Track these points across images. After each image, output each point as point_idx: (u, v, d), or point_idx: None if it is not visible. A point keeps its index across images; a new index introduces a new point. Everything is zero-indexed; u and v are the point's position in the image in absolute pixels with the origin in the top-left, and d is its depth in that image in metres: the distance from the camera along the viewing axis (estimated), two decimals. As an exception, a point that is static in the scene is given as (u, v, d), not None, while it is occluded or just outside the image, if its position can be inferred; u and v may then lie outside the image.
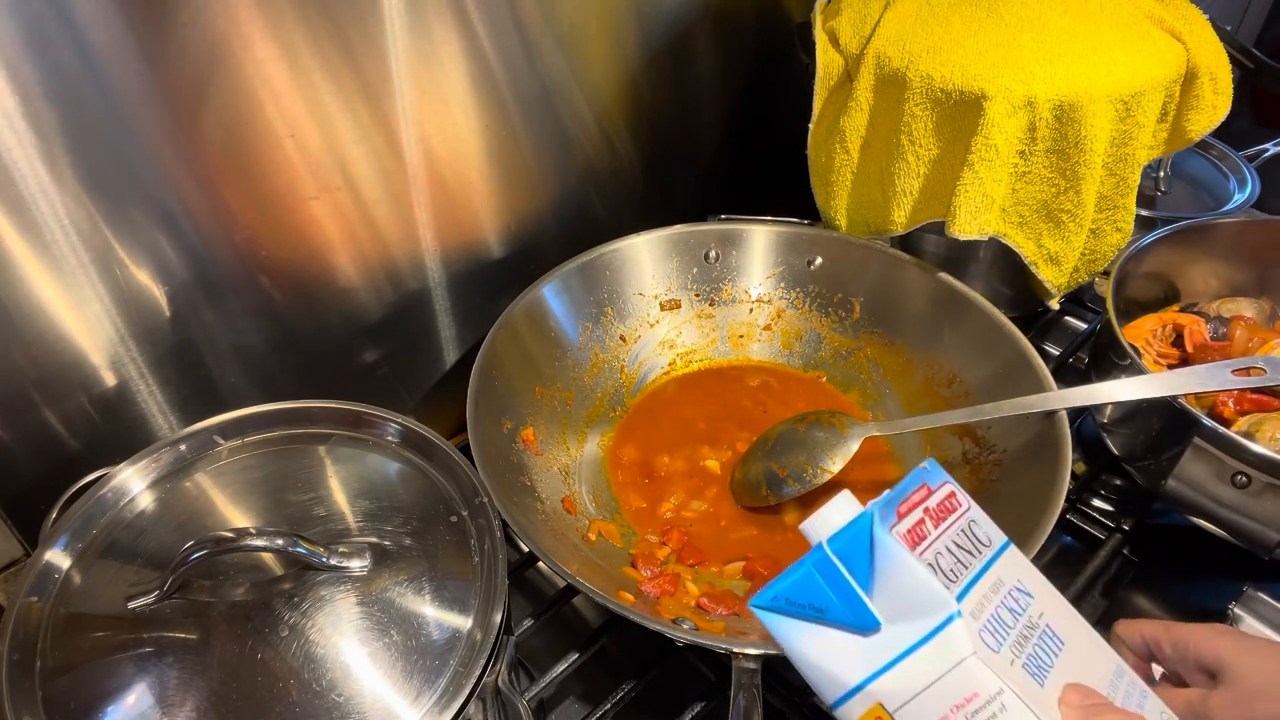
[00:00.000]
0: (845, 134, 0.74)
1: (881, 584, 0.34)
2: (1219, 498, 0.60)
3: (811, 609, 0.35)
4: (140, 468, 0.55)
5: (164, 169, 0.54)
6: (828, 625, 0.35)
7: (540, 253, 0.78)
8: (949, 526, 0.36)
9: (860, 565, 0.34)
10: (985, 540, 0.37)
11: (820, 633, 0.35)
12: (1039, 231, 0.72)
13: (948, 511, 0.37)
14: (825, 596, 0.35)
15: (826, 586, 0.34)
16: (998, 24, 0.69)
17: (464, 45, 0.63)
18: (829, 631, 0.35)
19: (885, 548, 0.33)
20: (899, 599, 0.33)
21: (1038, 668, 0.34)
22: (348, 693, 0.45)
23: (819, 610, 0.35)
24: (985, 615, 0.34)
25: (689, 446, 0.74)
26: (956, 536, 0.36)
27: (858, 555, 0.34)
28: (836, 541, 0.34)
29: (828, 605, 0.35)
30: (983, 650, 0.32)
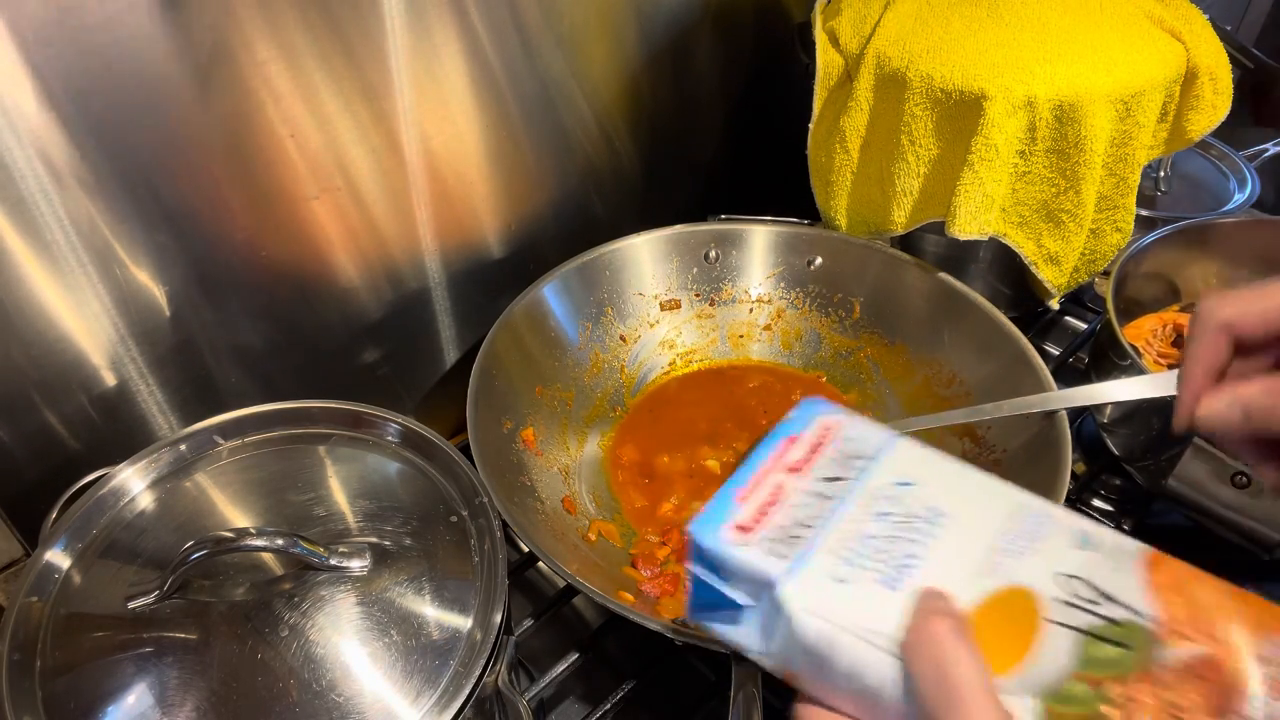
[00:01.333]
0: (845, 134, 0.74)
1: (731, 576, 0.37)
2: (1219, 498, 0.60)
3: (717, 609, 0.38)
4: (140, 468, 0.55)
5: (164, 169, 0.54)
6: (733, 616, 0.38)
7: (540, 253, 0.78)
8: (813, 468, 0.38)
9: (716, 568, 0.37)
10: (861, 454, 0.39)
11: (735, 621, 0.38)
12: (1039, 231, 0.72)
13: (815, 449, 0.39)
14: (711, 598, 0.38)
15: (705, 592, 0.38)
16: (998, 24, 0.69)
17: (464, 45, 0.63)
18: (738, 619, 0.37)
19: (716, 552, 0.37)
20: (747, 582, 0.36)
21: (904, 566, 0.35)
22: (348, 693, 0.45)
23: (718, 608, 0.38)
24: (847, 545, 0.35)
25: (689, 446, 0.74)
26: (825, 471, 0.38)
27: (707, 561, 0.37)
28: (696, 557, 0.38)
29: (718, 603, 0.38)
30: (816, 597, 0.34)
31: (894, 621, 0.32)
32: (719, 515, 0.38)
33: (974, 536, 0.36)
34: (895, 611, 0.33)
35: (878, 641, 0.32)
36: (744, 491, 0.38)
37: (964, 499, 0.37)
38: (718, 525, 0.37)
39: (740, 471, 0.39)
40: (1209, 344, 0.40)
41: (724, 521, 0.37)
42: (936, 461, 0.40)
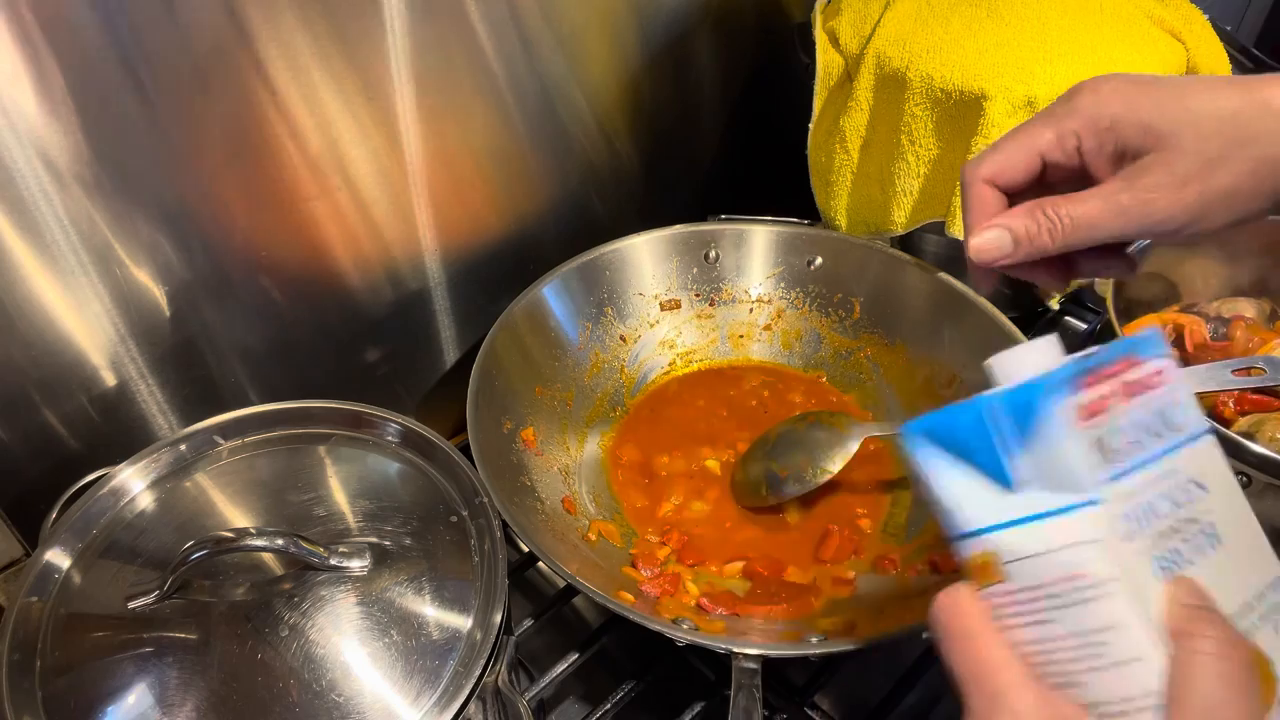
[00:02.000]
0: (845, 134, 0.74)
1: (1034, 449, 0.33)
2: (1219, 498, 0.60)
3: (959, 449, 0.36)
4: (140, 468, 0.55)
5: (164, 169, 0.54)
6: (969, 467, 0.35)
7: (540, 253, 0.78)
8: (1140, 404, 0.35)
9: (1019, 425, 0.34)
10: (1178, 425, 0.36)
11: (960, 472, 0.36)
12: (1039, 231, 0.72)
13: (1145, 388, 0.35)
14: (972, 444, 0.35)
15: (976, 435, 0.35)
16: (998, 24, 0.69)
17: (464, 45, 0.63)
18: (968, 473, 0.35)
19: (1049, 418, 0.33)
20: (1045, 467, 0.33)
21: (1173, 562, 0.33)
22: (348, 693, 0.45)
23: (964, 453, 0.35)
24: (1136, 501, 0.33)
25: (689, 446, 0.74)
26: (1145, 415, 0.35)
27: (1021, 415, 0.34)
28: (1006, 398, 0.34)
29: (973, 452, 0.35)
30: (1111, 538, 0.32)
31: (1156, 604, 0.32)
32: (1065, 383, 0.33)
33: (1235, 582, 0.34)
34: (1157, 596, 0.32)
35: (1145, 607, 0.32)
36: (1092, 380, 0.34)
37: (1239, 538, 0.36)
38: (1064, 392, 0.33)
39: (1097, 356, 0.35)
40: (976, 196, 0.46)
41: (1070, 394, 0.33)
42: (1229, 483, 0.37)
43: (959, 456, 0.36)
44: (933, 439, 0.37)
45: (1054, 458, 0.33)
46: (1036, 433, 0.33)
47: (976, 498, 0.35)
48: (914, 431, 0.37)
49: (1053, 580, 0.33)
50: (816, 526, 0.68)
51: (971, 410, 0.35)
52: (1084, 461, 0.32)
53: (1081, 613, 0.32)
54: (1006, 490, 0.34)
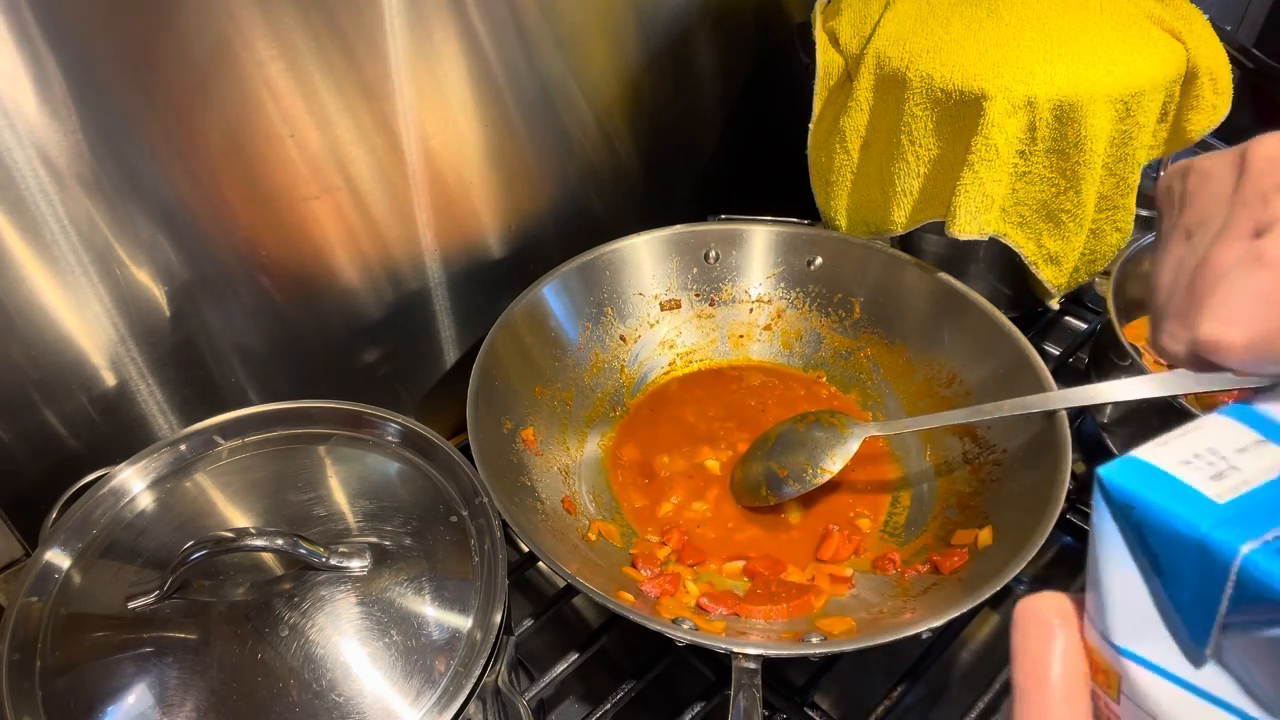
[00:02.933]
0: (845, 134, 0.74)
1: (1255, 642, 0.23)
2: (1219, 498, 0.60)
3: (1153, 560, 0.25)
4: (140, 468, 0.55)
5: (164, 169, 0.54)
6: (1153, 584, 0.25)
7: (540, 253, 0.78)
8: None
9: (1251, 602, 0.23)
10: None
11: (1138, 578, 0.25)
12: (1039, 231, 0.72)
13: None
14: (1178, 572, 0.24)
15: (1191, 572, 0.24)
16: (998, 24, 0.69)
17: (464, 45, 0.63)
18: (1147, 588, 0.25)
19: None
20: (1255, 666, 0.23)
21: None
22: (348, 693, 0.45)
23: (1158, 569, 0.25)
24: None
25: (689, 446, 0.74)
26: None
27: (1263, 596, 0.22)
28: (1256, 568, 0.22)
29: (1172, 580, 0.25)
30: None
31: None
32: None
33: None
34: None
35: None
36: None
37: None
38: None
39: None
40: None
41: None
42: None
43: (1150, 565, 0.25)
44: (1128, 523, 0.25)
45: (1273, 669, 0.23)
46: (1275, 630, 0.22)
47: (1144, 616, 0.25)
48: (1112, 491, 0.26)
49: None
50: (816, 526, 0.68)
51: (1215, 545, 0.23)
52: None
53: None
54: (1187, 642, 0.24)
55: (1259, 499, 0.23)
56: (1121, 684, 0.26)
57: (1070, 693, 0.27)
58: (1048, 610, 0.28)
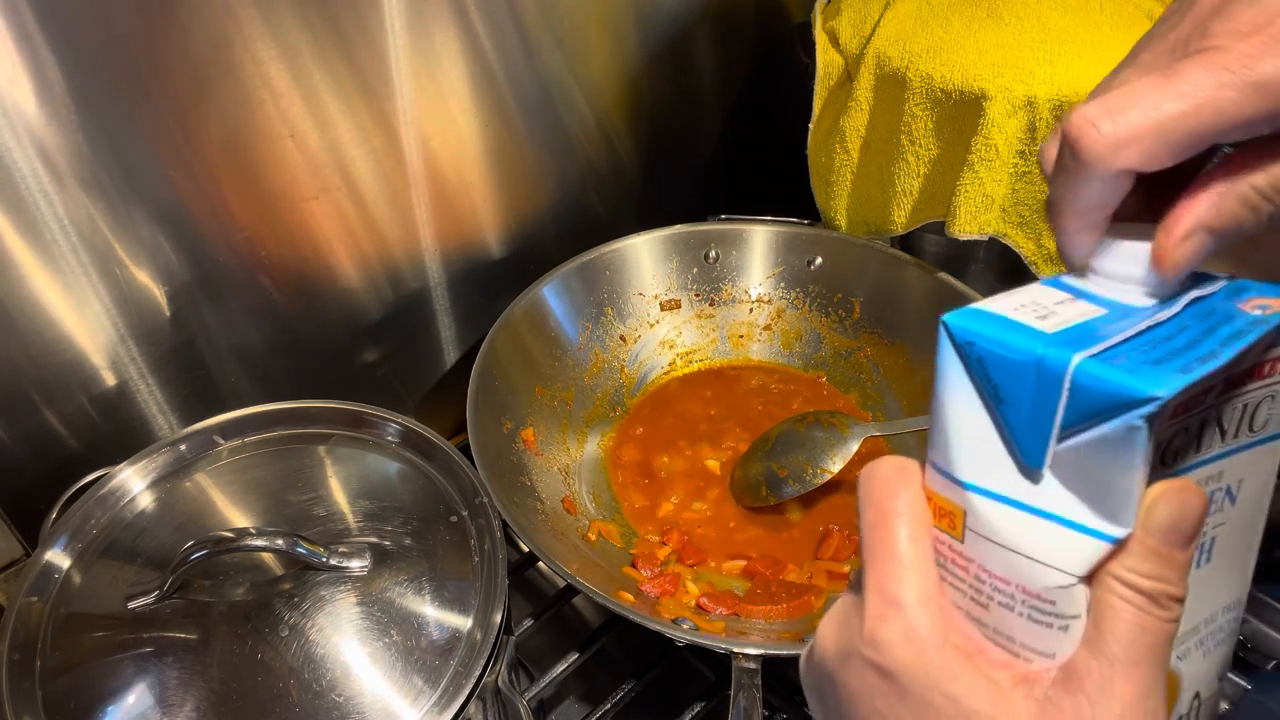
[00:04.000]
0: (845, 134, 0.74)
1: (1084, 449, 0.26)
2: (1219, 498, 0.60)
3: (992, 388, 0.28)
4: (140, 468, 0.55)
5: (164, 169, 0.54)
6: (994, 415, 0.27)
7: (540, 253, 0.78)
8: (1239, 396, 0.28)
9: (1082, 414, 0.25)
10: (1259, 425, 0.29)
11: (980, 412, 0.28)
12: (1039, 231, 0.72)
13: (1258, 379, 0.29)
14: (1016, 394, 0.27)
15: (1028, 391, 0.26)
16: (998, 24, 0.69)
17: (464, 45, 0.63)
18: (988, 418, 0.28)
19: (1129, 441, 0.25)
20: (1085, 473, 0.26)
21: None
22: (348, 693, 0.45)
23: (997, 396, 0.27)
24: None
25: (689, 447, 0.74)
26: (1234, 410, 0.28)
27: (1092, 409, 0.25)
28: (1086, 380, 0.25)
29: (1011, 401, 0.27)
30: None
31: None
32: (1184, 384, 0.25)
33: (1197, 604, 0.29)
34: None
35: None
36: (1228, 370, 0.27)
37: (1231, 555, 0.30)
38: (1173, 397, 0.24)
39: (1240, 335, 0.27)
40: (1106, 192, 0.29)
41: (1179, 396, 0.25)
42: (1263, 489, 0.31)
43: (992, 395, 0.27)
44: (971, 358, 0.28)
45: (1107, 472, 0.25)
46: (1102, 436, 0.25)
47: (986, 447, 0.28)
48: (954, 332, 0.29)
49: (1010, 581, 0.27)
50: (816, 526, 0.68)
51: (1051, 361, 0.26)
52: (1136, 492, 0.25)
53: (1028, 627, 0.27)
54: (1025, 465, 0.27)
55: (1079, 330, 0.27)
56: (966, 519, 0.28)
57: (915, 534, 0.29)
58: (890, 467, 0.30)
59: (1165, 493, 0.25)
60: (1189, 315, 0.28)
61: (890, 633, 0.27)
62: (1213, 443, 0.28)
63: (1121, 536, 0.25)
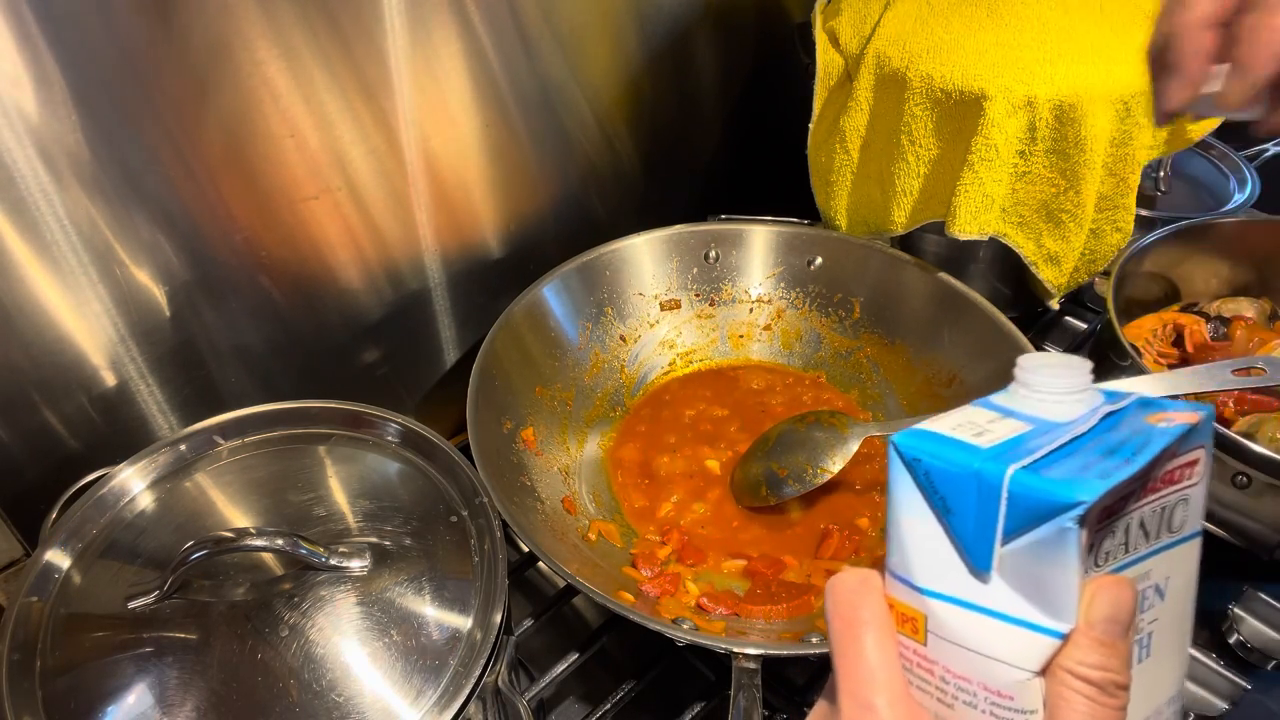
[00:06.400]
0: (845, 134, 0.74)
1: (1025, 551, 0.29)
2: (1219, 498, 0.60)
3: (940, 500, 0.31)
4: (140, 468, 0.55)
5: (164, 169, 0.54)
6: (944, 523, 0.31)
7: (540, 253, 0.78)
8: (1156, 501, 0.31)
9: (1021, 520, 0.29)
10: (1177, 526, 0.32)
11: (930, 521, 0.31)
12: (1039, 231, 0.72)
13: (1169, 483, 0.32)
14: (964, 504, 0.30)
15: (972, 501, 0.30)
16: (998, 24, 0.69)
17: (464, 45, 0.63)
18: (939, 527, 0.31)
19: (1064, 540, 0.28)
20: (1028, 575, 0.29)
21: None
22: (348, 693, 0.45)
23: (945, 506, 0.31)
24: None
25: (689, 447, 0.74)
26: (1154, 514, 0.31)
27: (1028, 513, 0.29)
28: (1021, 488, 0.29)
29: (959, 510, 0.30)
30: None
31: None
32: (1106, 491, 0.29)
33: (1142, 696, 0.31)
34: None
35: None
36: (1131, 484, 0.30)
37: (1169, 648, 0.33)
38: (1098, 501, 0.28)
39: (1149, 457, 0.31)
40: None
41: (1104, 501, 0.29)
42: (1189, 585, 0.34)
43: (941, 506, 0.31)
44: (919, 474, 0.31)
45: (1044, 571, 0.29)
46: (1039, 539, 0.28)
47: (936, 556, 0.31)
48: (903, 452, 0.32)
49: (972, 680, 0.30)
50: (816, 526, 0.68)
51: (984, 475, 0.29)
52: (1075, 589, 0.28)
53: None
54: (975, 569, 0.30)
55: (1011, 444, 0.30)
56: (928, 624, 0.31)
57: (881, 641, 0.31)
58: (854, 578, 0.32)
59: (1101, 588, 0.28)
60: (1103, 428, 0.31)
61: None
62: (1139, 543, 0.31)
63: (1066, 631, 0.28)
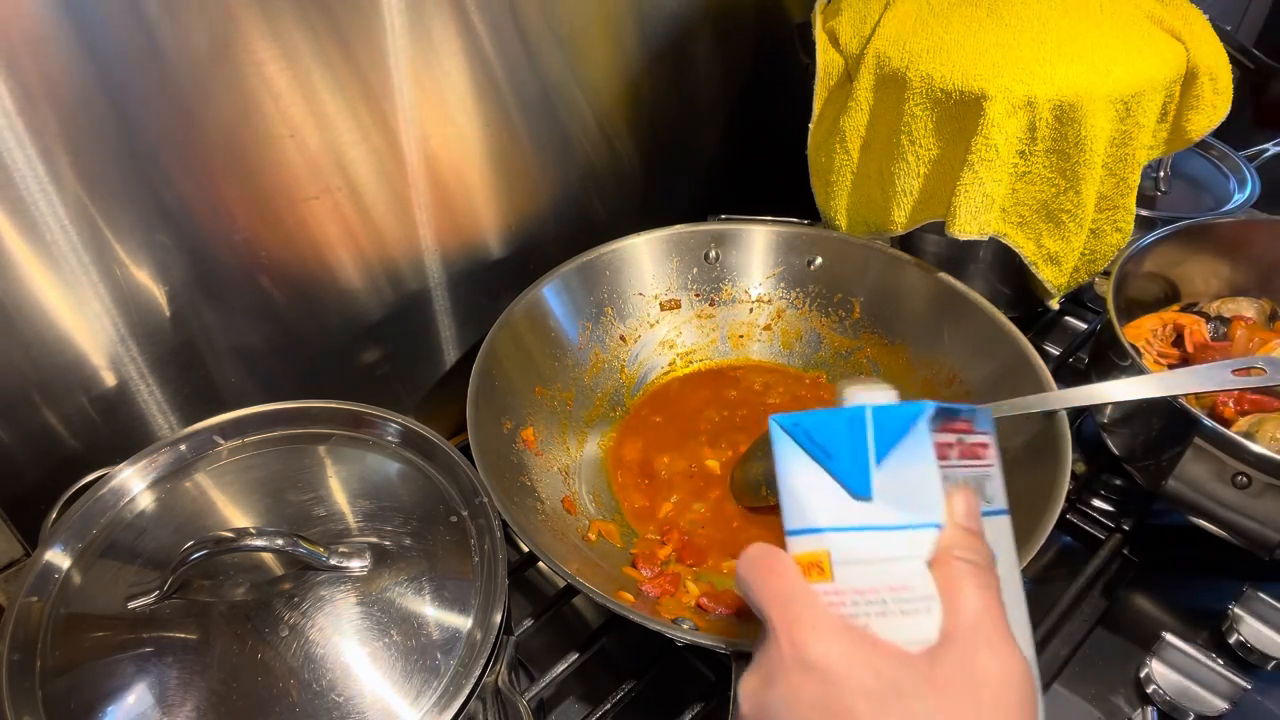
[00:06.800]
0: (845, 134, 0.74)
1: (895, 466, 0.36)
2: (1219, 498, 0.60)
3: (821, 450, 0.38)
4: (140, 468, 0.55)
5: (164, 169, 0.54)
6: (826, 470, 0.38)
7: (540, 253, 0.78)
8: (967, 467, 0.38)
9: (887, 442, 0.36)
10: (989, 497, 0.40)
11: (817, 472, 0.38)
12: (1039, 231, 0.72)
13: (974, 455, 0.39)
14: (839, 447, 0.37)
15: (846, 440, 0.37)
16: (998, 24, 0.69)
17: (464, 45, 0.63)
18: (823, 474, 0.38)
19: (918, 441, 0.36)
20: (901, 486, 0.36)
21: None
22: (348, 693, 0.45)
23: (826, 454, 0.38)
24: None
25: (689, 447, 0.74)
26: (971, 477, 0.38)
27: (890, 433, 0.37)
28: (880, 412, 0.37)
29: (837, 455, 0.38)
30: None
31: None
32: (932, 417, 0.37)
33: None
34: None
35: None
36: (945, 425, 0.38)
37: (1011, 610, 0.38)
38: (931, 424, 0.37)
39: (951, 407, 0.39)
40: None
41: (933, 428, 0.37)
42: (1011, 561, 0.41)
43: (822, 456, 0.38)
44: (800, 435, 0.39)
45: (913, 479, 0.36)
46: (902, 453, 0.36)
47: (828, 498, 0.37)
48: (783, 424, 0.39)
49: (878, 588, 0.36)
50: (816, 526, 0.68)
51: (852, 414, 0.37)
52: (938, 487, 0.36)
53: (901, 622, 0.35)
54: (858, 498, 0.37)
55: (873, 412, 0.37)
56: (831, 559, 0.37)
57: (796, 572, 0.37)
58: (757, 548, 0.39)
59: (954, 492, 0.36)
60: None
61: (812, 648, 0.35)
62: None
63: (940, 521, 0.36)
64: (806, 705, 0.34)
